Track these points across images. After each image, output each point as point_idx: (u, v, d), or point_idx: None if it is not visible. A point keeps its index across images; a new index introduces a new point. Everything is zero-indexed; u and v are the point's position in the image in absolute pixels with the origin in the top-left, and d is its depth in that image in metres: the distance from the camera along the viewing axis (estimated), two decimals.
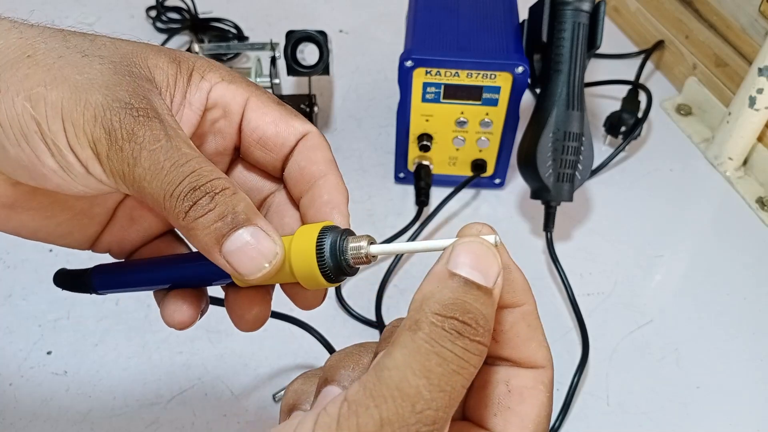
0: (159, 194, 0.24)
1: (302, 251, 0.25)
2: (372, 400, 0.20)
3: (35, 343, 0.54)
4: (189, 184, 0.24)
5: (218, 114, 0.29)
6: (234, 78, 0.29)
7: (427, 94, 0.59)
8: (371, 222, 0.64)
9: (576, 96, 0.57)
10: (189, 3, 0.84)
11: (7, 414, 0.50)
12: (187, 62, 0.29)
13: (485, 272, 0.22)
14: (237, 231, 0.24)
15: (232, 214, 0.24)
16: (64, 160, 0.24)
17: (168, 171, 0.24)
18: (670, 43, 0.79)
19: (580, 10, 0.56)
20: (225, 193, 0.25)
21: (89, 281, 0.32)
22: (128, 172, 0.24)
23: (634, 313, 0.58)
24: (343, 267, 0.25)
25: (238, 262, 0.24)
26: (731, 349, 0.56)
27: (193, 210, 0.24)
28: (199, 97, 0.28)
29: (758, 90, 0.63)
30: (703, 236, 0.65)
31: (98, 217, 0.31)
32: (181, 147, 0.25)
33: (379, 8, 0.89)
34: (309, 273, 0.25)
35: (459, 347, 0.21)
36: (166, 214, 0.25)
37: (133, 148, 0.24)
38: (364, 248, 0.25)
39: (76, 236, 0.31)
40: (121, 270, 0.32)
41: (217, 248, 0.24)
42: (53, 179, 0.25)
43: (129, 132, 0.24)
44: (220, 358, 0.54)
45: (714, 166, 0.70)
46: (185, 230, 0.25)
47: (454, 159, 0.65)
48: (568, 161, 0.57)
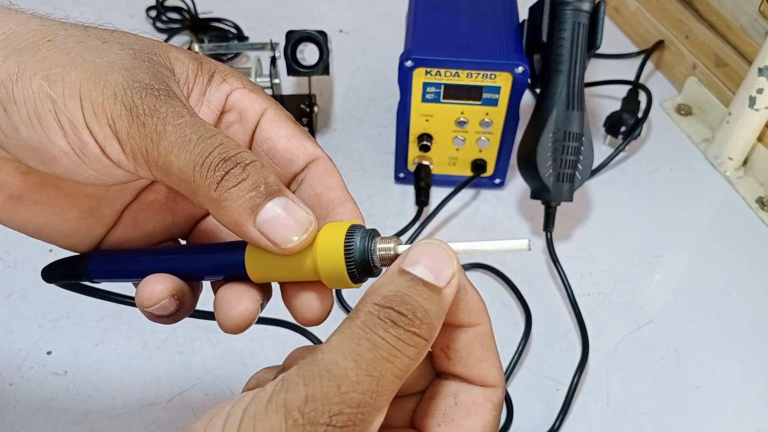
0: (188, 166, 0.24)
1: (329, 248, 0.25)
2: (302, 379, 0.21)
3: (35, 343, 0.54)
4: (219, 154, 0.24)
5: (234, 118, 0.29)
6: (255, 88, 0.30)
7: (427, 94, 0.59)
8: (371, 222, 0.64)
9: (576, 96, 0.57)
10: (189, 3, 0.84)
11: (7, 414, 0.50)
12: (209, 64, 0.29)
13: (437, 272, 0.23)
14: (272, 200, 0.24)
15: (265, 185, 0.24)
16: (79, 140, 0.24)
17: (196, 143, 0.24)
18: (670, 43, 0.79)
19: (580, 10, 0.56)
20: (255, 164, 0.24)
21: (84, 268, 0.30)
22: (152, 149, 0.24)
23: (634, 313, 0.58)
24: (371, 267, 0.25)
25: (273, 231, 0.24)
26: (731, 349, 0.56)
27: (225, 180, 0.24)
28: (218, 97, 0.28)
29: (758, 90, 0.63)
30: (703, 236, 0.65)
31: (106, 218, 0.30)
32: (205, 123, 0.25)
33: (379, 8, 0.89)
34: (335, 271, 0.25)
35: (391, 335, 0.21)
36: (196, 188, 0.24)
37: (156, 123, 0.24)
38: (393, 249, 0.25)
39: (81, 236, 0.30)
40: (120, 257, 0.30)
41: (251, 218, 0.24)
42: (63, 162, 0.24)
43: (151, 108, 0.24)
44: (220, 358, 0.54)
45: (714, 166, 0.70)
46: (215, 202, 0.24)
47: (454, 159, 0.65)
48: (568, 161, 0.57)
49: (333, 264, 0.25)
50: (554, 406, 0.52)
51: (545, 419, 0.51)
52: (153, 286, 0.28)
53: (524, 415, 0.51)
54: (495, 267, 0.60)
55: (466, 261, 0.60)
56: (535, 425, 0.51)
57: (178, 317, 0.29)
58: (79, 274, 0.31)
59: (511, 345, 0.55)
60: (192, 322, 0.55)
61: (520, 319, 0.57)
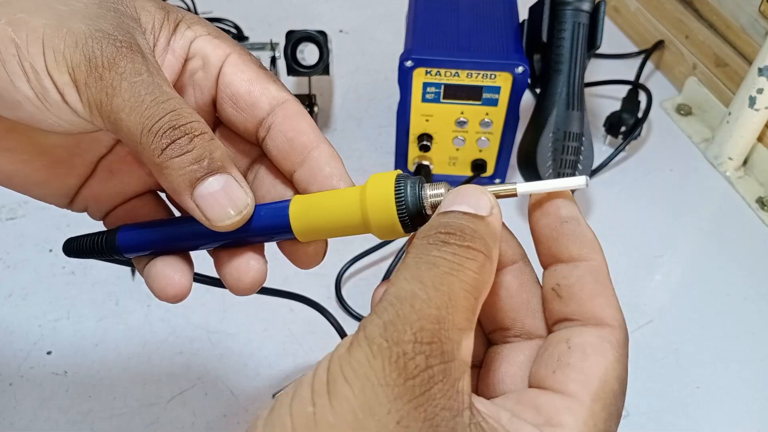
0: (136, 128, 0.24)
1: (380, 198, 0.24)
2: (376, 315, 0.20)
3: (35, 343, 0.54)
4: (169, 121, 0.24)
5: (198, 64, 0.29)
6: (220, 35, 0.29)
7: (427, 94, 0.59)
8: None
9: (576, 96, 0.57)
10: (189, 3, 0.84)
11: (7, 414, 0.50)
12: (176, 13, 0.29)
13: (474, 205, 0.23)
14: (212, 176, 0.24)
15: (209, 159, 0.24)
16: (40, 85, 0.24)
17: (148, 105, 0.24)
18: (670, 43, 0.79)
19: (580, 10, 0.56)
20: (203, 137, 0.24)
21: (112, 242, 0.30)
22: (106, 102, 0.24)
23: (634, 313, 0.58)
24: (423, 214, 0.25)
25: (208, 207, 0.25)
26: (731, 349, 0.56)
27: (170, 149, 0.24)
28: (182, 44, 0.28)
29: (758, 90, 0.63)
30: (703, 236, 0.65)
31: (77, 169, 0.30)
32: (162, 85, 0.25)
33: (379, 8, 0.89)
34: (387, 221, 0.24)
35: (447, 251, 0.21)
36: (141, 149, 0.24)
37: (113, 78, 0.24)
38: (444, 194, 0.24)
39: (52, 186, 0.30)
40: (151, 226, 0.30)
41: (189, 191, 0.24)
42: (27, 108, 0.24)
43: (110, 61, 0.24)
44: (220, 358, 0.54)
45: (714, 166, 0.70)
46: (158, 168, 0.24)
47: (454, 159, 0.65)
48: (568, 161, 0.57)
49: (385, 214, 0.24)
50: None
51: None
52: (174, 278, 0.28)
53: None
54: None
55: None
56: None
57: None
58: (108, 250, 0.30)
59: None
60: (192, 322, 0.55)
61: None
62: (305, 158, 0.28)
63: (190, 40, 0.28)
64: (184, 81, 0.29)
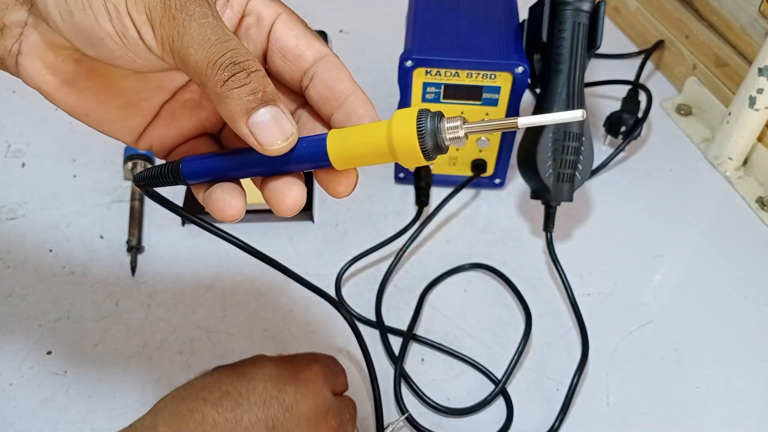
0: (203, 61, 0.27)
1: (403, 130, 0.28)
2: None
3: (35, 343, 0.54)
4: (230, 57, 0.27)
5: (252, 21, 0.33)
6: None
7: (427, 94, 0.59)
8: (371, 222, 0.64)
9: (576, 96, 0.57)
10: None
11: (7, 414, 0.50)
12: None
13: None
14: (264, 107, 0.28)
15: (262, 92, 0.28)
16: (121, 23, 0.27)
17: (213, 43, 0.27)
18: (670, 43, 0.79)
19: (580, 10, 0.56)
20: (258, 73, 0.28)
21: (177, 170, 0.33)
22: (177, 39, 0.27)
23: (634, 313, 0.58)
24: (440, 144, 0.28)
25: (260, 133, 0.28)
26: (731, 349, 0.56)
27: (231, 80, 0.27)
28: (240, 2, 0.33)
29: (758, 90, 0.63)
30: (703, 236, 0.65)
31: (145, 111, 0.34)
32: (225, 28, 0.28)
33: (379, 8, 0.89)
34: (410, 149, 0.28)
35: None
36: (206, 80, 0.27)
37: (184, 18, 0.27)
38: (460, 127, 0.28)
39: (122, 124, 0.34)
40: (211, 156, 0.33)
41: (245, 118, 0.28)
42: (108, 44, 0.28)
43: (181, 4, 0.27)
44: (220, 358, 0.53)
45: (714, 166, 0.70)
46: (219, 97, 0.28)
47: (454, 159, 0.65)
48: (568, 161, 0.57)
49: (408, 143, 0.28)
50: (554, 406, 0.52)
51: (545, 419, 0.51)
52: (231, 201, 0.32)
53: (524, 415, 0.51)
54: (495, 267, 0.60)
55: (467, 259, 0.60)
56: (534, 425, 0.51)
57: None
58: (173, 177, 0.34)
59: (511, 345, 0.55)
60: (192, 322, 0.55)
61: (520, 319, 0.57)
62: (342, 103, 0.32)
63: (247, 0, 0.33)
64: (239, 35, 0.33)
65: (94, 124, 0.33)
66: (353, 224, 0.64)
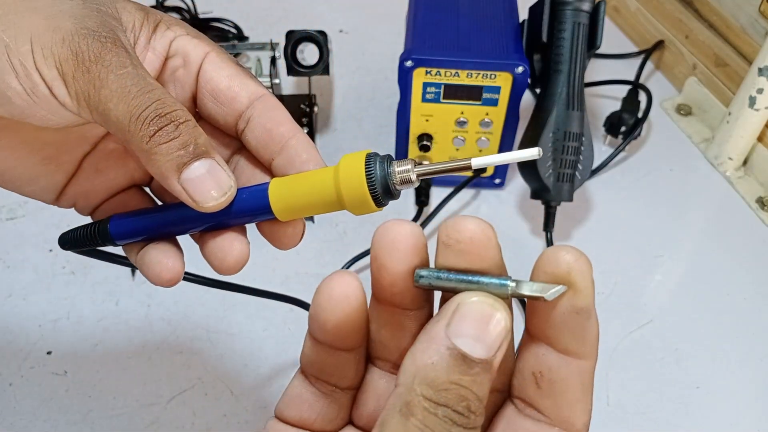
0: (125, 117, 0.25)
1: (351, 176, 0.26)
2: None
3: (35, 343, 0.54)
4: (155, 110, 0.25)
5: (178, 63, 0.30)
6: (198, 35, 0.30)
7: (427, 94, 0.59)
8: (371, 222, 0.64)
9: (576, 96, 0.57)
10: (189, 3, 0.84)
11: (7, 414, 0.50)
12: (155, 14, 0.30)
13: (488, 342, 0.21)
14: (197, 161, 0.26)
15: (194, 145, 0.26)
16: (29, 81, 0.25)
17: (135, 95, 0.25)
18: (670, 43, 0.79)
19: (580, 10, 0.56)
20: (188, 124, 0.26)
21: (105, 230, 0.31)
22: (93, 94, 0.25)
23: (634, 313, 0.58)
24: (392, 190, 0.26)
25: (194, 189, 0.26)
26: (731, 349, 0.56)
27: (158, 135, 0.25)
28: (162, 43, 0.30)
29: (758, 90, 0.63)
30: (703, 236, 0.65)
31: (65, 165, 0.31)
32: (146, 77, 0.26)
33: (379, 8, 0.89)
34: (359, 196, 0.26)
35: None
36: (129, 137, 0.25)
37: (100, 70, 0.25)
38: (411, 170, 0.26)
39: (42, 183, 0.31)
40: (141, 214, 0.31)
41: (176, 175, 0.26)
42: (17, 102, 0.25)
43: (96, 55, 0.25)
44: (220, 358, 0.54)
45: (714, 166, 0.70)
46: (146, 154, 0.25)
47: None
48: (568, 161, 0.57)
49: (356, 190, 0.26)
50: None
51: None
52: (167, 263, 0.29)
53: None
54: None
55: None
56: None
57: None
58: (101, 238, 0.31)
59: None
60: (192, 322, 0.55)
61: (520, 319, 0.57)
62: (283, 146, 0.29)
63: (170, 39, 0.30)
64: (164, 78, 0.30)
65: (9, 185, 0.30)
66: (353, 224, 0.64)
